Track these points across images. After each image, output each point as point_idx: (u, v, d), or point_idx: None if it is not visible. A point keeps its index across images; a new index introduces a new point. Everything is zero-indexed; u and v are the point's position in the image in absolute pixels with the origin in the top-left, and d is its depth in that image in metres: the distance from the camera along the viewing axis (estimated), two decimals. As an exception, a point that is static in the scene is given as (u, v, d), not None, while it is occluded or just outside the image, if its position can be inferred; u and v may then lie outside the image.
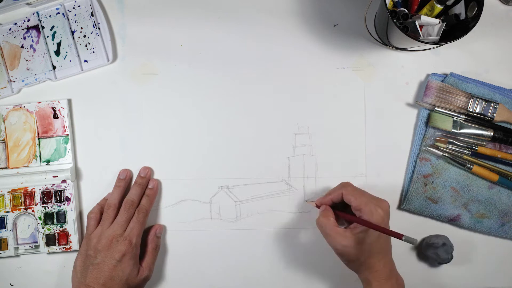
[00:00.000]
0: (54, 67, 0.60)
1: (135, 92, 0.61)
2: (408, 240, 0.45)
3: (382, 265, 0.51)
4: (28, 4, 0.60)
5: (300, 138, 0.61)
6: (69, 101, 0.61)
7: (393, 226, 0.60)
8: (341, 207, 0.54)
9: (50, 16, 0.60)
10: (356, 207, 0.51)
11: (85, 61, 0.60)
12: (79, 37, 0.60)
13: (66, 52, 0.60)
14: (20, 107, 0.60)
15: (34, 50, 0.60)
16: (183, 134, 0.61)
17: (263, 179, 0.60)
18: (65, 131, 0.60)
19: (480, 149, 0.58)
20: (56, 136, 0.60)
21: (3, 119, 0.60)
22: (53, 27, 0.60)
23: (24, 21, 0.61)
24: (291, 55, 0.61)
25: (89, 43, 0.60)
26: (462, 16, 0.53)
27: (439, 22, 0.54)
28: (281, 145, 0.61)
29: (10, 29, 0.61)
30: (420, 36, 0.54)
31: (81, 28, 0.60)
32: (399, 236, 0.46)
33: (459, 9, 0.54)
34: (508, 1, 0.61)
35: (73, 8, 0.61)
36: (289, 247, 0.60)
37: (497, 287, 0.61)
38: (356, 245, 0.50)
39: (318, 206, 0.56)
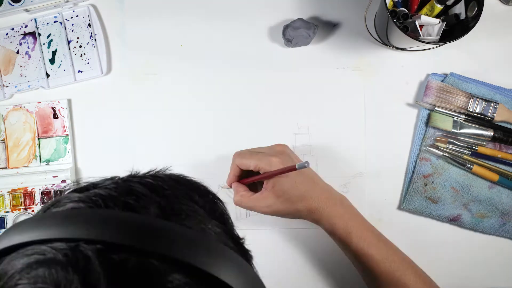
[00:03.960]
0: (47, 75, 0.60)
1: (135, 92, 0.61)
2: (301, 166, 0.45)
3: (317, 199, 0.50)
4: (27, 10, 0.60)
5: (300, 138, 0.61)
6: (69, 101, 0.61)
7: (393, 227, 0.60)
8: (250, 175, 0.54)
9: (47, 23, 0.60)
10: (254, 167, 0.50)
11: (79, 71, 0.60)
12: (74, 47, 0.60)
13: (61, 61, 0.60)
14: (20, 107, 0.60)
15: (29, 56, 0.60)
16: (183, 133, 0.61)
17: (263, 179, 0.60)
18: (65, 131, 0.60)
19: (480, 149, 0.58)
20: (56, 136, 0.60)
21: (3, 119, 0.60)
22: (49, 35, 0.60)
23: (22, 27, 0.61)
24: (291, 55, 0.61)
25: (84, 54, 0.60)
26: (462, 16, 0.53)
27: (439, 22, 0.54)
28: (281, 145, 0.61)
29: (6, 34, 0.61)
30: (420, 36, 0.54)
31: (78, 38, 0.60)
32: (292, 168, 0.46)
33: (459, 9, 0.54)
34: (508, 1, 0.61)
35: (71, 17, 0.61)
36: (288, 247, 0.60)
37: (497, 287, 0.61)
38: (278, 198, 0.50)
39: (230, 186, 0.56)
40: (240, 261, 0.25)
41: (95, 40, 0.60)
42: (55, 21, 0.60)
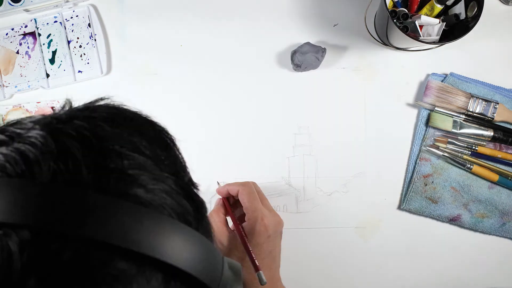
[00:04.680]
0: (47, 75, 0.60)
1: (135, 92, 0.61)
2: (260, 276, 0.46)
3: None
4: (27, 10, 0.60)
5: (300, 138, 0.61)
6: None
7: (393, 227, 0.60)
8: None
9: (47, 23, 0.60)
10: (245, 209, 0.51)
11: (79, 71, 0.60)
12: (74, 47, 0.60)
13: (61, 61, 0.60)
14: (20, 107, 0.60)
15: (29, 56, 0.60)
16: (183, 134, 0.61)
17: (263, 179, 0.60)
18: (64, 131, 0.60)
19: (480, 149, 0.58)
20: (56, 136, 0.60)
21: (3, 119, 0.60)
22: (49, 35, 0.60)
23: (21, 27, 0.60)
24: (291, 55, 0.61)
25: (84, 54, 0.60)
26: (462, 16, 0.53)
27: (439, 22, 0.54)
28: (281, 145, 0.60)
29: (6, 34, 0.60)
30: (420, 36, 0.54)
31: (78, 38, 0.60)
32: (256, 268, 0.47)
33: (459, 9, 0.54)
34: (508, 1, 0.61)
35: (71, 17, 0.60)
36: (288, 247, 0.60)
37: (497, 287, 0.60)
38: (230, 248, 0.50)
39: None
40: (190, 234, 0.23)
41: (95, 40, 0.60)
42: (55, 21, 0.60)
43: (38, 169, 0.20)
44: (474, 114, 0.58)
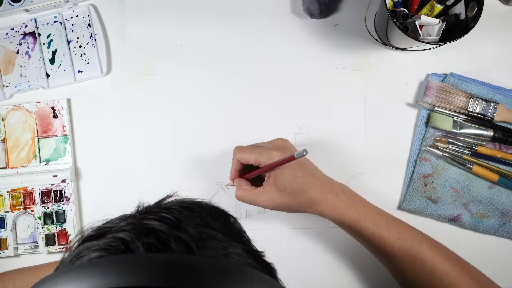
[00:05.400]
0: (47, 75, 0.60)
1: (135, 92, 0.61)
2: (299, 154, 0.44)
3: (319, 191, 0.50)
4: (27, 10, 0.60)
5: (300, 138, 0.61)
6: (69, 101, 0.61)
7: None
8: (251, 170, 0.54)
9: (47, 23, 0.60)
10: (255, 162, 0.51)
11: (79, 71, 0.60)
12: (74, 47, 0.60)
13: (61, 61, 0.60)
14: (20, 107, 0.60)
15: (29, 56, 0.60)
16: (183, 134, 0.61)
17: (263, 179, 0.60)
18: (64, 130, 0.60)
19: (480, 149, 0.58)
20: (56, 136, 0.60)
21: (3, 119, 0.60)
22: (49, 35, 0.60)
23: (21, 27, 0.61)
24: (291, 55, 0.61)
25: (84, 54, 0.60)
26: (462, 16, 0.53)
27: (439, 22, 0.54)
28: (281, 145, 0.60)
29: (6, 34, 0.61)
30: (420, 36, 0.54)
31: (78, 38, 0.60)
32: (291, 157, 0.46)
33: (459, 9, 0.54)
34: (508, 1, 0.61)
35: (71, 17, 0.61)
36: (289, 247, 0.60)
37: (497, 287, 0.60)
38: (280, 192, 0.50)
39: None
40: (268, 280, 0.26)
41: (95, 40, 0.60)
42: (55, 21, 0.60)
43: (134, 246, 0.24)
44: (474, 114, 0.58)
